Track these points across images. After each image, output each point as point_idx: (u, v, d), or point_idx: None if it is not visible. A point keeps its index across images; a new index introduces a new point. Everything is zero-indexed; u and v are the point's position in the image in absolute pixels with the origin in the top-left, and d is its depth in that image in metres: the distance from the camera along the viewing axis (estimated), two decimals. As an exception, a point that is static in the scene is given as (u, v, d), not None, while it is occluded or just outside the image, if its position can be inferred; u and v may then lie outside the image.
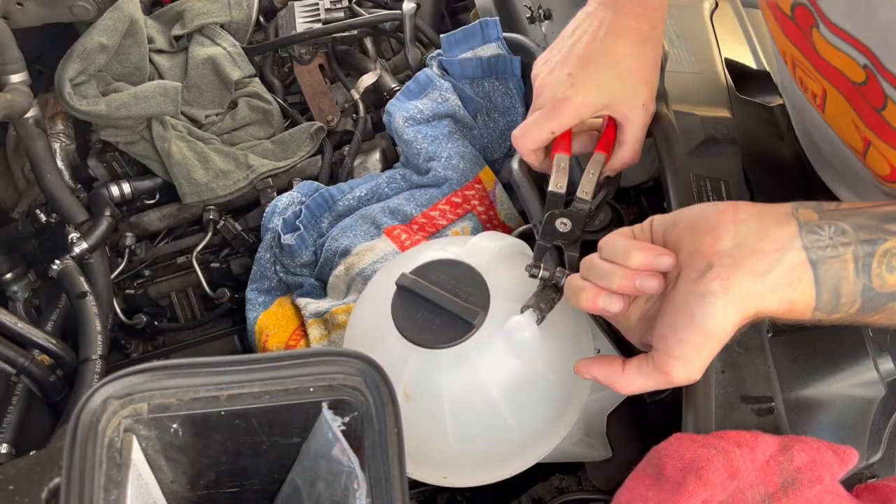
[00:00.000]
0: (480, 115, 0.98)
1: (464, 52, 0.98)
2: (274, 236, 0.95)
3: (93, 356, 0.87)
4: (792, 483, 0.55)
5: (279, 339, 0.88)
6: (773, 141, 0.87)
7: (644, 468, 0.60)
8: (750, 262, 0.55)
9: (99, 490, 0.47)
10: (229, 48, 1.10)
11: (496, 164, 0.99)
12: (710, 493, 0.55)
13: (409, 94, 0.99)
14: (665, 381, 0.58)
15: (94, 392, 0.50)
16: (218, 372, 0.52)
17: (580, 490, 0.80)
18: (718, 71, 0.88)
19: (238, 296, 0.99)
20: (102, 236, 0.97)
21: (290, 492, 0.59)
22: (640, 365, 0.59)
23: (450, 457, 0.66)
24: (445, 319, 0.65)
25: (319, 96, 1.12)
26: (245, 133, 1.09)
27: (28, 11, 0.98)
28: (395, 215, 0.91)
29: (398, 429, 0.50)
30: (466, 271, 0.67)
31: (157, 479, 0.55)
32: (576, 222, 0.73)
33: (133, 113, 1.00)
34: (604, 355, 0.64)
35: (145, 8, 1.13)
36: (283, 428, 0.55)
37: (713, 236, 0.57)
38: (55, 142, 1.03)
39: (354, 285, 0.87)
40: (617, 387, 0.60)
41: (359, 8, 1.15)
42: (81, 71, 1.00)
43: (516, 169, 0.82)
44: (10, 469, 0.54)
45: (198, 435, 0.53)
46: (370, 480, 0.50)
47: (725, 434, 0.58)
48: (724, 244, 0.56)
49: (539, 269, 0.68)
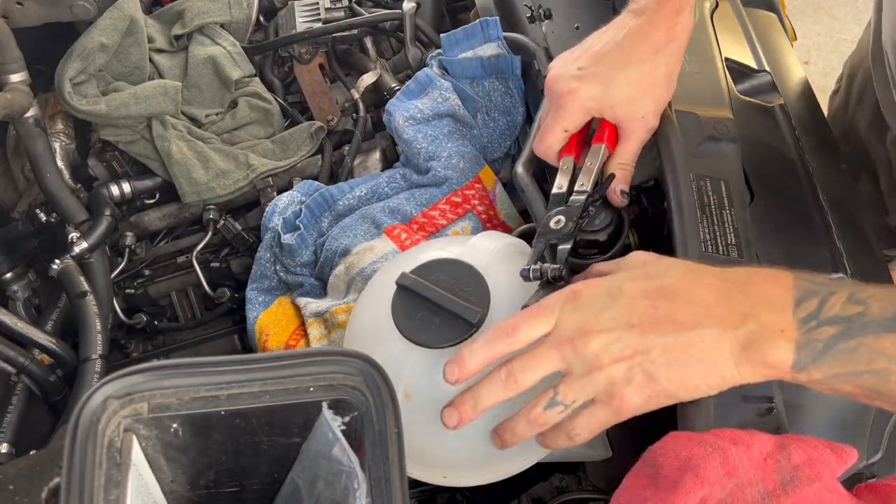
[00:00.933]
0: (480, 114, 0.98)
1: (464, 52, 0.98)
2: (274, 236, 0.95)
3: (93, 356, 0.87)
4: (791, 481, 0.55)
5: (279, 338, 0.88)
6: (773, 141, 0.87)
7: (641, 468, 0.60)
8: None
9: (99, 490, 0.47)
10: (229, 48, 1.10)
11: (496, 163, 0.99)
12: (708, 490, 0.55)
13: (409, 93, 0.99)
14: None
15: (94, 392, 0.50)
16: (218, 372, 0.51)
17: (580, 490, 0.80)
18: (718, 71, 0.88)
19: (238, 295, 0.99)
20: (102, 236, 0.97)
21: (290, 492, 0.59)
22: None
23: (450, 456, 0.66)
24: (446, 319, 0.64)
25: (319, 96, 1.12)
26: (245, 132, 1.09)
27: (28, 11, 0.98)
28: (395, 215, 0.91)
29: (398, 429, 0.50)
30: (466, 271, 0.67)
31: (157, 479, 0.55)
32: (570, 217, 0.71)
33: (133, 112, 1.00)
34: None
35: (145, 7, 1.12)
36: (283, 428, 0.55)
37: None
38: (55, 141, 1.03)
39: (354, 285, 0.87)
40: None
41: (359, 7, 1.15)
42: (81, 70, 1.00)
43: (521, 172, 0.82)
44: (10, 469, 0.54)
45: (198, 435, 0.53)
46: (370, 480, 0.50)
47: (721, 432, 0.58)
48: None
49: (529, 271, 0.67)
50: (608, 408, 0.58)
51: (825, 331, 0.54)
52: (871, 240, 0.84)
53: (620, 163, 0.76)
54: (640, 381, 0.57)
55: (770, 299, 0.56)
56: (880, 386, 0.54)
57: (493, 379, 0.60)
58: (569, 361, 0.59)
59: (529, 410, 0.60)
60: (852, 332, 0.54)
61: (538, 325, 0.60)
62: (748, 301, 0.57)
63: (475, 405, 0.61)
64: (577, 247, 0.72)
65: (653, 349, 0.57)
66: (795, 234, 0.79)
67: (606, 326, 0.58)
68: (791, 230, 0.79)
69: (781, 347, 0.55)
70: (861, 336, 0.54)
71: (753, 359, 0.56)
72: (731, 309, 0.57)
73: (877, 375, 0.54)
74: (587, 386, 0.58)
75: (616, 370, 0.57)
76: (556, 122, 0.76)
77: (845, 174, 0.89)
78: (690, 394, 0.58)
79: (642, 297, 0.58)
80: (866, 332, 0.54)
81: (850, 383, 0.55)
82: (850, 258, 0.79)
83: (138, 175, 1.06)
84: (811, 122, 0.93)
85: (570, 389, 0.59)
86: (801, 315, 0.55)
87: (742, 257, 0.71)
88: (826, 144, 0.91)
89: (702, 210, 0.73)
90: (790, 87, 0.97)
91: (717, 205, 0.74)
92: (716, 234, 0.72)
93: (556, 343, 0.59)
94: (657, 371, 0.57)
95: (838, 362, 0.54)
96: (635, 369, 0.57)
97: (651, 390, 0.57)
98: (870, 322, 0.54)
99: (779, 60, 0.99)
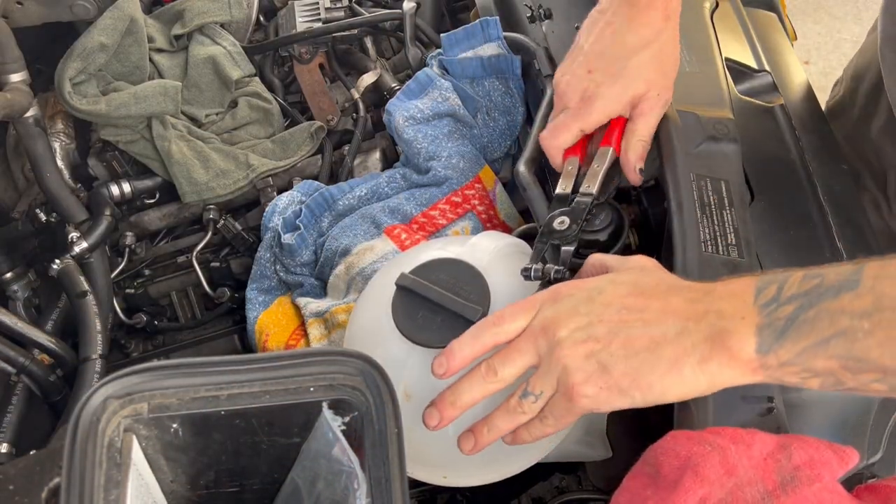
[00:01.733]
0: (480, 114, 0.98)
1: (464, 52, 0.98)
2: (274, 236, 0.95)
3: (93, 356, 0.87)
4: (791, 481, 0.55)
5: (279, 338, 0.88)
6: (773, 141, 0.87)
7: (641, 468, 0.60)
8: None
9: (99, 490, 0.47)
10: (229, 47, 1.10)
11: (496, 163, 0.99)
12: (708, 489, 0.55)
13: (409, 93, 0.99)
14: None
15: (94, 392, 0.50)
16: (218, 372, 0.52)
17: (580, 490, 0.81)
18: (719, 70, 0.88)
19: (238, 295, 0.99)
20: (102, 235, 0.97)
21: (290, 491, 0.59)
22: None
23: (450, 457, 0.66)
24: (446, 319, 0.65)
25: (319, 95, 1.12)
26: (245, 132, 1.08)
27: (28, 10, 0.98)
28: (395, 215, 0.91)
29: (398, 429, 0.50)
30: (466, 270, 0.67)
31: (157, 479, 0.55)
32: (575, 219, 0.72)
33: (133, 112, 1.00)
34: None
35: (145, 7, 1.12)
36: (283, 428, 0.55)
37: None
38: (55, 141, 1.03)
39: (354, 285, 0.87)
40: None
41: (359, 7, 1.15)
42: (81, 70, 1.00)
43: (522, 170, 0.82)
44: (10, 469, 0.54)
45: (198, 435, 0.53)
46: (370, 480, 0.50)
47: (721, 430, 0.58)
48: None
49: (531, 271, 0.67)
50: (564, 397, 0.58)
51: (785, 309, 0.54)
52: (871, 240, 0.84)
53: (640, 139, 0.76)
54: (593, 370, 0.57)
55: (731, 292, 0.56)
56: (851, 348, 0.52)
57: (473, 374, 0.61)
58: (540, 352, 0.59)
59: (508, 402, 0.61)
60: (811, 303, 0.53)
61: (521, 317, 0.61)
62: (711, 298, 0.57)
63: (455, 401, 0.61)
64: (578, 247, 0.72)
65: (614, 340, 0.57)
66: (795, 234, 0.79)
67: (576, 318, 0.58)
68: (791, 230, 0.79)
69: (742, 332, 0.54)
70: (819, 304, 0.53)
71: (716, 350, 0.55)
72: (695, 307, 0.57)
73: (843, 336, 0.52)
74: (549, 374, 0.58)
75: (573, 356, 0.57)
76: (575, 122, 0.77)
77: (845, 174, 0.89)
78: (643, 393, 0.57)
79: (619, 300, 0.58)
80: (824, 299, 0.52)
81: (822, 356, 0.53)
82: (850, 258, 0.79)
83: (138, 175, 1.06)
84: (811, 122, 0.92)
85: (538, 379, 0.59)
86: (762, 301, 0.55)
87: (742, 257, 0.71)
88: (826, 144, 0.91)
89: (702, 210, 0.73)
90: (790, 87, 0.97)
91: (717, 205, 0.74)
92: (716, 234, 0.72)
93: (531, 334, 0.60)
94: (614, 363, 0.56)
95: (802, 335, 0.53)
96: (591, 359, 0.57)
97: (604, 382, 0.57)
98: (827, 289, 0.53)
99: (779, 60, 0.99)
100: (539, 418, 0.61)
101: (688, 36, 0.91)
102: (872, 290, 0.51)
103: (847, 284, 0.52)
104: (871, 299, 0.51)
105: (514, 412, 0.61)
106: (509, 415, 0.61)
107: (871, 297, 0.51)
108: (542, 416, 0.61)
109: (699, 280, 0.68)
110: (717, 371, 0.55)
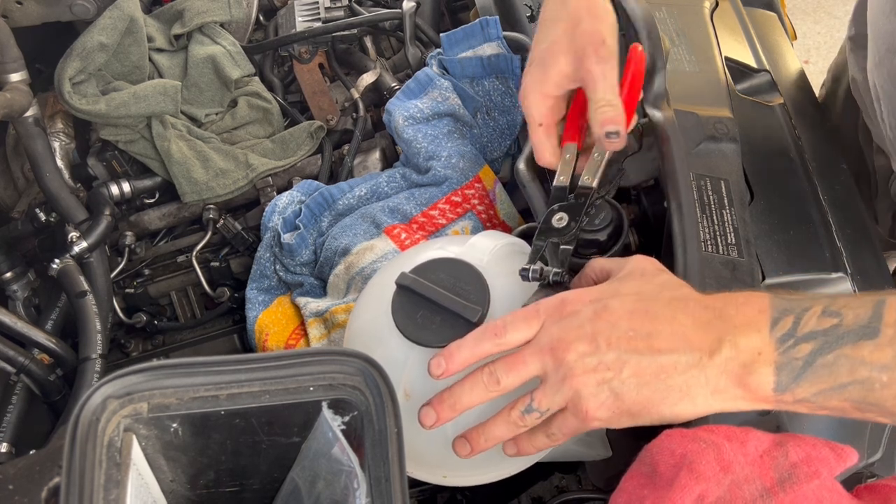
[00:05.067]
0: (480, 114, 0.98)
1: (464, 51, 0.98)
2: (274, 235, 0.95)
3: (92, 355, 0.87)
4: (789, 478, 0.55)
5: (279, 338, 0.88)
6: (773, 140, 0.87)
7: (637, 468, 0.60)
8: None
9: (99, 489, 0.47)
10: (229, 47, 1.10)
11: (496, 163, 0.99)
12: (705, 486, 0.55)
13: (409, 93, 0.99)
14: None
15: (94, 391, 0.50)
16: (218, 371, 0.52)
17: (580, 489, 0.81)
18: (718, 70, 0.88)
19: (238, 295, 0.99)
20: (102, 235, 0.96)
21: (289, 491, 0.59)
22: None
23: (450, 456, 0.66)
24: (446, 318, 0.64)
25: (319, 95, 1.12)
26: (245, 132, 1.09)
27: (27, 10, 0.98)
28: (395, 214, 0.91)
29: (398, 428, 0.50)
30: (466, 270, 0.67)
31: (156, 479, 0.55)
32: (573, 216, 0.71)
33: (133, 112, 1.00)
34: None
35: (145, 7, 1.12)
36: (283, 427, 0.55)
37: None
38: (55, 141, 1.03)
39: (354, 284, 0.87)
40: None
41: (358, 7, 1.15)
42: (81, 70, 1.00)
43: (522, 168, 0.82)
44: (10, 468, 0.54)
45: (197, 434, 0.53)
46: (370, 480, 0.50)
47: (715, 428, 0.58)
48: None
49: (529, 272, 0.67)
50: (576, 418, 0.59)
51: (803, 348, 0.54)
52: (872, 239, 0.84)
53: (599, 106, 0.70)
54: (606, 397, 0.57)
55: (746, 321, 0.56)
56: (867, 396, 0.53)
57: (475, 379, 0.61)
58: (546, 368, 0.59)
59: (509, 413, 0.61)
60: (830, 346, 0.54)
61: (524, 329, 0.60)
62: (725, 325, 0.56)
63: (454, 404, 0.61)
64: (577, 246, 0.72)
65: (625, 368, 0.57)
66: (795, 234, 0.79)
67: (585, 340, 0.58)
68: (791, 230, 0.79)
69: (761, 371, 0.55)
70: (839, 348, 0.53)
71: (732, 384, 0.56)
72: (707, 335, 0.56)
73: (861, 385, 0.53)
74: (558, 395, 0.58)
75: (586, 384, 0.57)
76: (533, 131, 0.76)
77: (845, 173, 0.89)
78: (653, 419, 0.58)
79: (626, 318, 0.58)
80: (843, 343, 0.53)
81: (837, 398, 0.54)
82: (850, 258, 0.79)
83: (138, 174, 1.06)
84: (811, 121, 0.93)
85: (545, 396, 0.59)
86: (778, 335, 0.55)
87: (742, 257, 0.71)
88: (826, 144, 0.91)
89: (702, 210, 0.73)
90: (790, 86, 0.97)
91: (717, 204, 0.74)
92: (716, 233, 0.72)
93: (538, 349, 0.59)
94: (625, 391, 0.57)
95: (820, 378, 0.54)
96: (604, 386, 0.57)
97: (617, 408, 0.58)
98: (846, 332, 0.54)
99: (779, 60, 0.99)
100: (546, 434, 0.61)
101: (688, 35, 0.91)
102: (892, 342, 0.53)
103: (867, 332, 0.53)
104: (892, 353, 0.53)
105: (515, 425, 0.61)
106: (509, 426, 0.61)
107: (891, 350, 0.53)
108: (550, 433, 0.61)
109: (699, 280, 0.68)
110: (730, 400, 0.56)
